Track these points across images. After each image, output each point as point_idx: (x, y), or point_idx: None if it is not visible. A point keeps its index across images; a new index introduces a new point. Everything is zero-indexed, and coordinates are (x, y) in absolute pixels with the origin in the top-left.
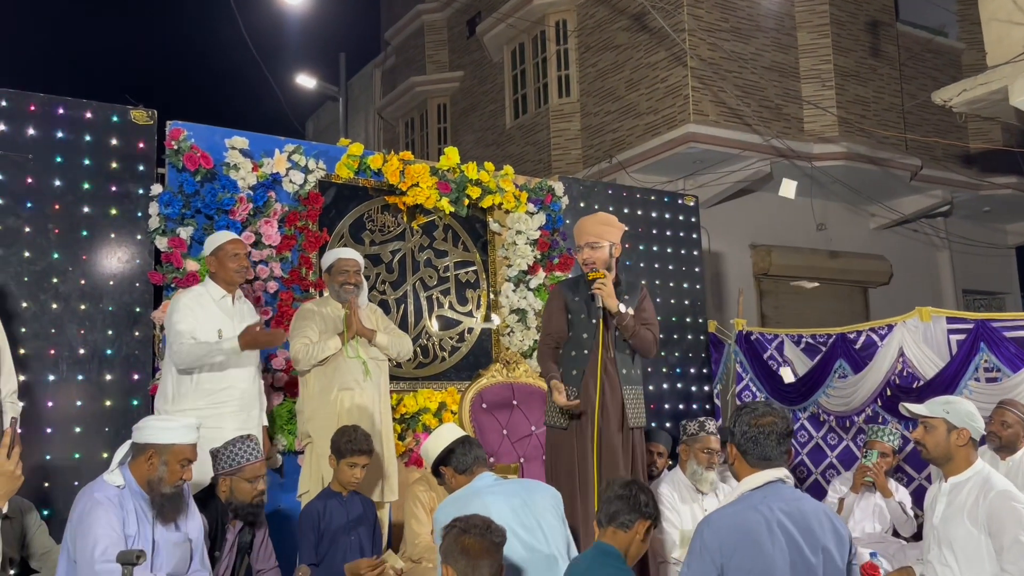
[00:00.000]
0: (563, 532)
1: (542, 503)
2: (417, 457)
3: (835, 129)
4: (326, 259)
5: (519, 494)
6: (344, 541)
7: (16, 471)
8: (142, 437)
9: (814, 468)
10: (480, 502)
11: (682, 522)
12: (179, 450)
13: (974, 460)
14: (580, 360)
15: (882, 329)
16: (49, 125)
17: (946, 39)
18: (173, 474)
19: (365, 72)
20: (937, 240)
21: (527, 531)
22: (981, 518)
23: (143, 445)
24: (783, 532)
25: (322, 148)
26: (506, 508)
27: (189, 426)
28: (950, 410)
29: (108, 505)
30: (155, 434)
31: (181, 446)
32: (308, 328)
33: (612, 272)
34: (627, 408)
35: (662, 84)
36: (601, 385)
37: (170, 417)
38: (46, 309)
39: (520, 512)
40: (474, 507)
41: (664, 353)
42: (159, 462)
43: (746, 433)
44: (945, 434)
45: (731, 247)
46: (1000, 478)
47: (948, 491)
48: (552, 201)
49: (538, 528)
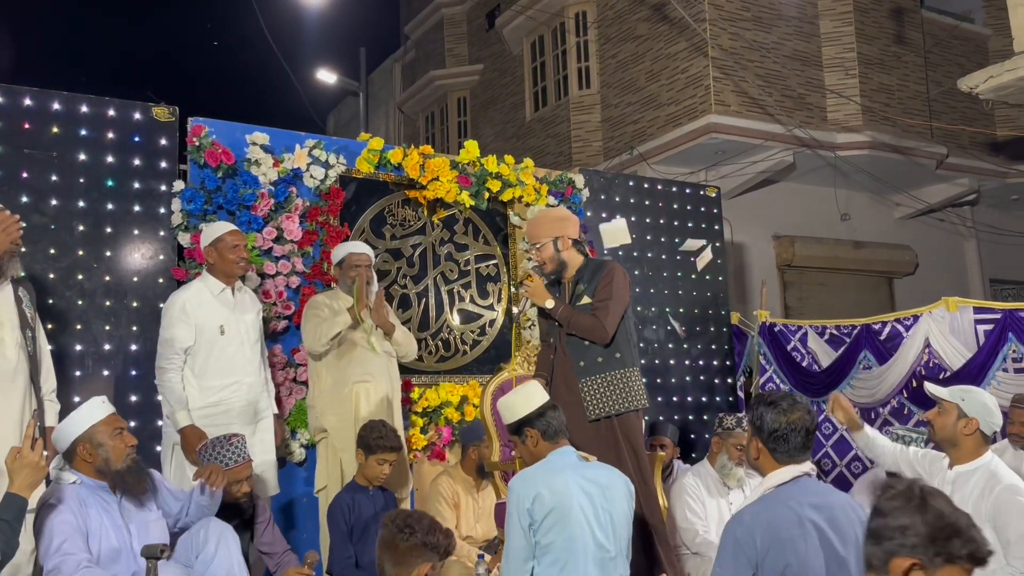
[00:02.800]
0: (629, 530)
1: (619, 497)
2: (440, 451)
3: (859, 118)
4: (337, 253)
5: (600, 483)
6: (373, 532)
7: (40, 462)
8: (62, 443)
9: (839, 460)
10: (563, 481)
11: (706, 514)
12: (101, 429)
13: (982, 453)
14: (545, 351)
15: (907, 320)
16: (72, 123)
17: (972, 25)
18: (116, 448)
19: (385, 66)
20: (963, 229)
21: (601, 528)
22: (987, 512)
23: (69, 449)
24: (814, 527)
25: (342, 143)
26: (586, 499)
27: (92, 405)
28: (966, 398)
29: (60, 505)
30: (68, 432)
31: (100, 423)
32: (319, 319)
33: (569, 265)
34: (586, 401)
35: (683, 75)
36: (556, 383)
37: (77, 409)
38: (71, 305)
39: (598, 505)
40: (557, 485)
41: (687, 345)
42: (95, 449)
43: (775, 431)
44: (954, 420)
45: (754, 238)
46: (1007, 472)
47: (952, 480)
48: (572, 194)
49: (610, 525)
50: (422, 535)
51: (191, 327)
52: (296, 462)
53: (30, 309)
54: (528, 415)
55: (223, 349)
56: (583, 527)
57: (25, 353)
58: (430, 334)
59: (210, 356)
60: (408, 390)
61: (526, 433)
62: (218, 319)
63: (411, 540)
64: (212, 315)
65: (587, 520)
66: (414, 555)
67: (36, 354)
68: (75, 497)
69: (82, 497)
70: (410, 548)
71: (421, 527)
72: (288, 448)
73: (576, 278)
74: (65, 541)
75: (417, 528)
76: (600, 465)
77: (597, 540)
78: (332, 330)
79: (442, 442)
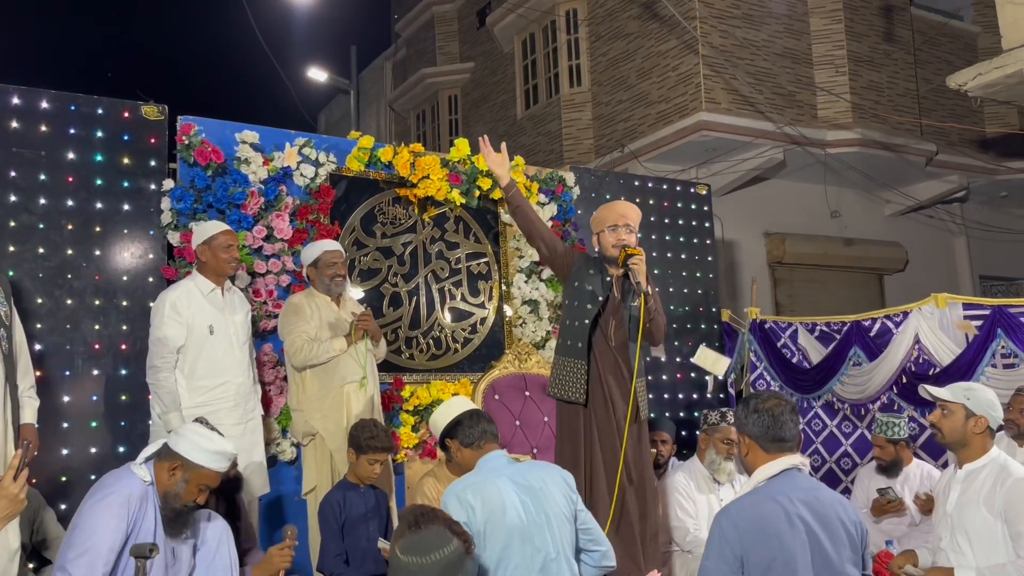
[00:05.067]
0: (571, 527)
1: (554, 495)
2: (431, 449)
3: (849, 115)
4: (309, 252)
5: (532, 485)
6: (363, 530)
7: (20, 495)
8: (177, 446)
9: (828, 456)
10: (493, 488)
11: (697, 511)
12: (204, 474)
13: (990, 448)
14: (580, 332)
15: (897, 316)
16: (61, 122)
17: (961, 22)
18: (189, 494)
19: (376, 65)
20: (953, 226)
21: (538, 531)
22: (998, 505)
23: (174, 453)
24: (802, 522)
25: (332, 141)
26: (519, 503)
27: (224, 453)
28: (971, 397)
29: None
30: (190, 449)
31: (208, 471)
32: (304, 323)
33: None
34: (640, 401)
35: (673, 72)
36: (606, 377)
37: (212, 438)
38: (61, 305)
39: (531, 509)
40: (489, 494)
41: (677, 342)
42: (180, 478)
43: (757, 419)
44: (963, 420)
45: (745, 235)
46: (1017, 465)
47: (963, 478)
48: (563, 191)
49: (547, 527)
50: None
51: (182, 326)
52: (286, 461)
53: (4, 306)
54: (446, 426)
55: (212, 349)
56: (519, 532)
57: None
58: (421, 332)
59: (199, 356)
60: (399, 388)
61: (448, 445)
62: (207, 319)
63: None
64: (202, 315)
65: (522, 525)
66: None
67: (12, 352)
68: (139, 500)
69: (145, 500)
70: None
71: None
72: (279, 447)
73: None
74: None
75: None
76: (533, 464)
77: (535, 544)
78: (324, 356)
79: (432, 440)
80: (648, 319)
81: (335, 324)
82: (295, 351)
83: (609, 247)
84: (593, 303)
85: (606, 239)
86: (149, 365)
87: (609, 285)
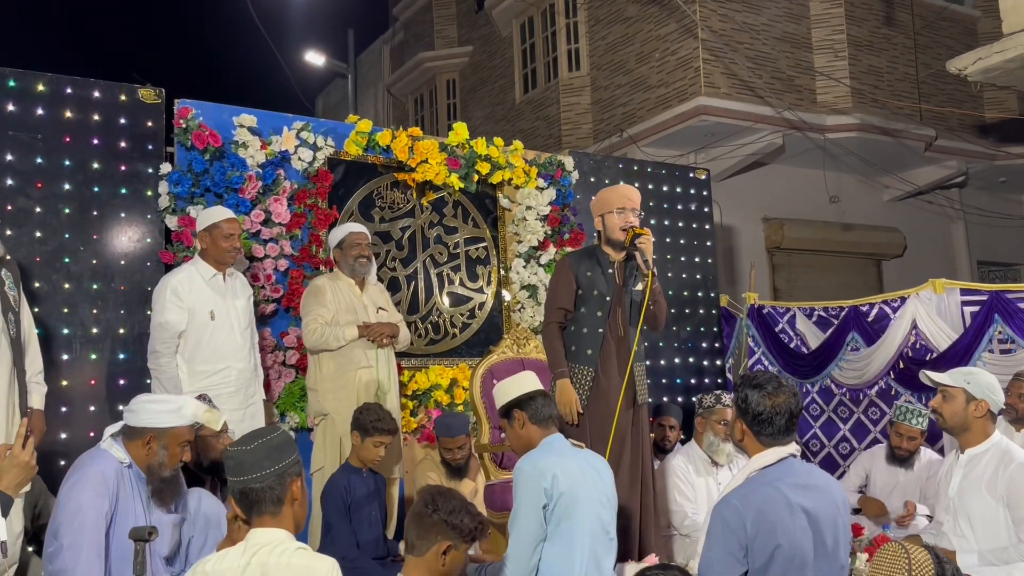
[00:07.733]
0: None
1: (611, 482)
2: (429, 433)
3: (848, 100)
4: (336, 234)
5: (597, 468)
6: (366, 513)
7: (31, 461)
8: (138, 420)
9: (827, 441)
10: (571, 464)
11: (696, 495)
12: (179, 433)
13: (991, 432)
14: (592, 339)
15: (895, 301)
16: (58, 105)
17: (961, 7)
18: (173, 457)
19: (374, 48)
20: (952, 211)
21: (606, 512)
22: (1000, 489)
23: (139, 429)
24: (802, 509)
25: (331, 125)
26: (591, 483)
27: (186, 405)
28: (972, 381)
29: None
30: (152, 417)
31: (180, 428)
32: (322, 307)
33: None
34: (637, 384)
35: (672, 57)
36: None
37: (165, 398)
38: (58, 289)
39: (601, 490)
40: (567, 467)
41: (676, 327)
42: (158, 447)
43: (760, 415)
44: (964, 404)
45: (743, 220)
46: (1019, 450)
47: (965, 463)
48: (562, 176)
49: (610, 509)
50: (444, 514)
51: (183, 311)
52: None
53: (13, 291)
54: (518, 397)
55: (213, 334)
56: (591, 511)
57: (7, 337)
58: (419, 317)
59: (200, 341)
60: (398, 373)
61: (515, 415)
62: (209, 304)
63: (434, 516)
64: (203, 300)
65: (595, 504)
66: (434, 531)
67: (20, 337)
68: (117, 476)
69: (123, 481)
70: (432, 524)
71: (445, 506)
72: None
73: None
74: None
75: (440, 506)
76: (589, 452)
77: (603, 524)
78: (335, 343)
79: (431, 425)
80: (652, 300)
81: (355, 308)
82: (309, 333)
83: (616, 229)
84: (603, 308)
85: (612, 221)
86: (150, 350)
87: (612, 276)
